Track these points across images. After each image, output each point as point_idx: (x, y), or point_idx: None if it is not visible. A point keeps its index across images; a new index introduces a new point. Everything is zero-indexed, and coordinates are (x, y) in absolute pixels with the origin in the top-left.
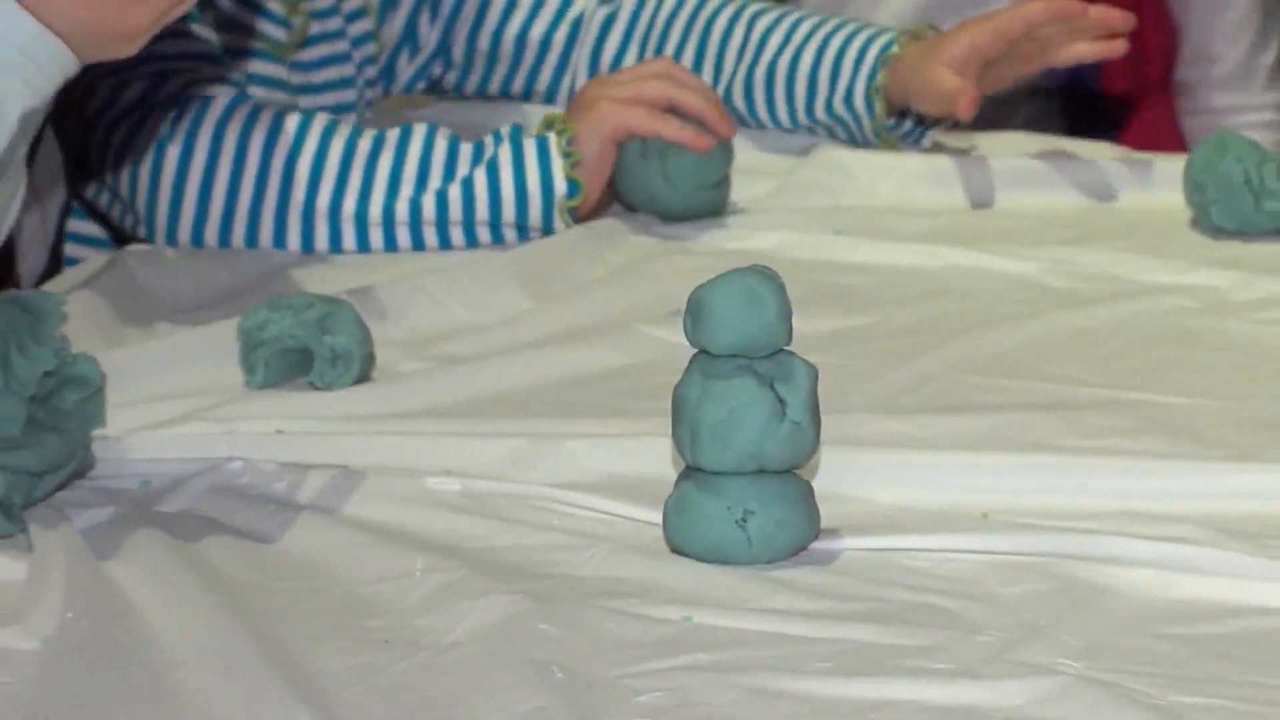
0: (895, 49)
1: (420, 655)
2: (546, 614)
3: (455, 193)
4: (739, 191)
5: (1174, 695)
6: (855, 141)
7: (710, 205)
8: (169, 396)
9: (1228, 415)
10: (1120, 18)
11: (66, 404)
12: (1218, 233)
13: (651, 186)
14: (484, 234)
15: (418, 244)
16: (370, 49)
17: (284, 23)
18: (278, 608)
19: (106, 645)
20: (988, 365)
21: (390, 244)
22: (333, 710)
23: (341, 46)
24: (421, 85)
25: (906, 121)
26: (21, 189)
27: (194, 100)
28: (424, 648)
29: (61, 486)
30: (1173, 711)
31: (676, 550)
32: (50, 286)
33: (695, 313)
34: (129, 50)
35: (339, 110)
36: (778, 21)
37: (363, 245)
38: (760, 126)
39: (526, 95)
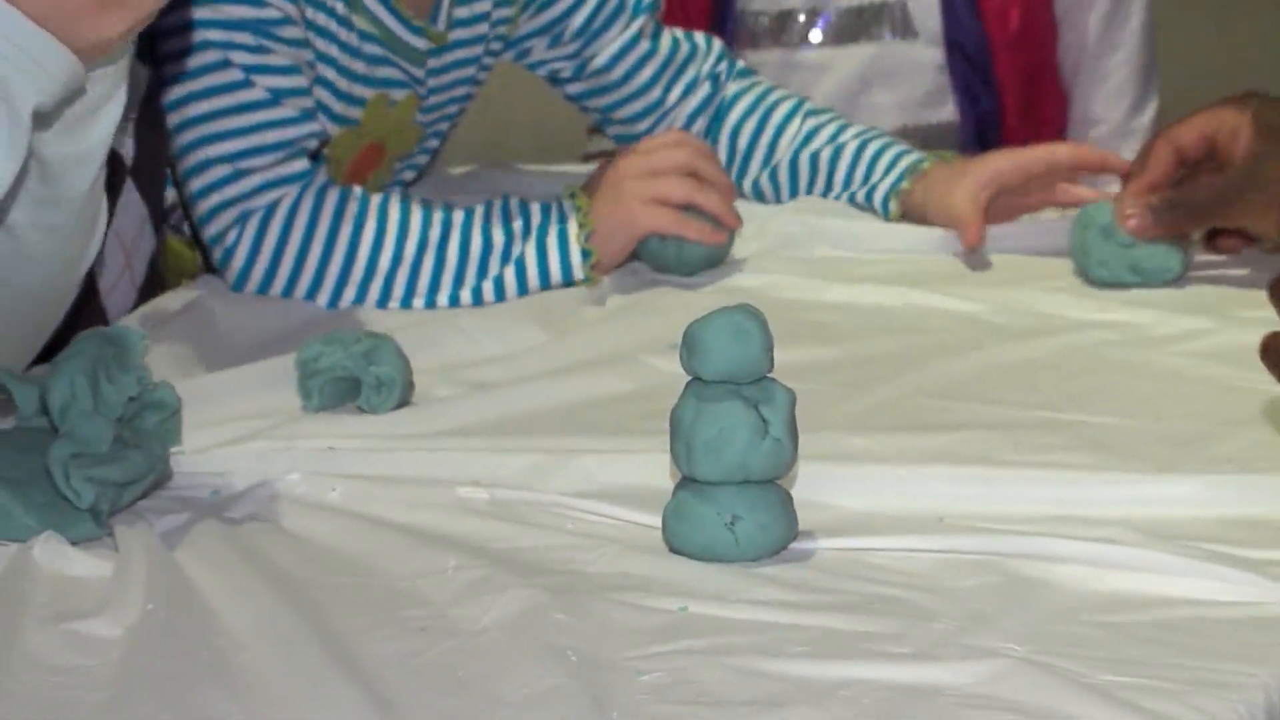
0: (925, 165)
1: (453, 641)
2: (561, 605)
3: (488, 287)
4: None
5: (1103, 675)
6: None
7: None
8: (237, 419)
9: (1148, 434)
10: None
11: (148, 425)
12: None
13: (663, 262)
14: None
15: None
16: (505, 29)
17: (420, 32)
18: (330, 600)
19: (181, 632)
20: (942, 390)
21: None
22: (378, 688)
23: (481, 29)
24: (543, 72)
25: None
26: (103, 219)
27: (261, 209)
28: (456, 634)
29: (143, 496)
30: (1102, 689)
31: (674, 550)
32: (133, 321)
33: (690, 345)
34: (114, 25)
35: (457, 85)
36: (829, 121)
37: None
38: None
39: (614, 122)
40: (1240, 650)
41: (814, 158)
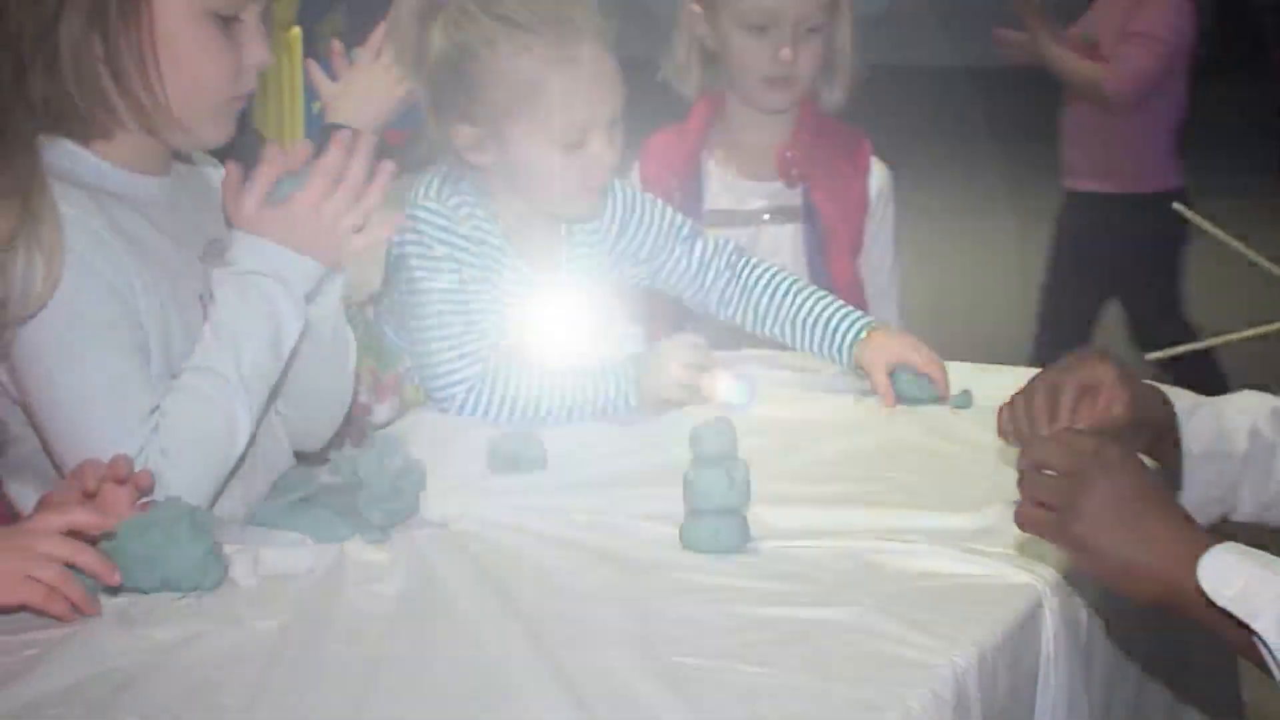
0: (863, 335)
1: (567, 595)
2: (626, 575)
3: (589, 419)
4: None
5: (917, 614)
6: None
7: None
8: (454, 477)
9: (939, 487)
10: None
11: (408, 480)
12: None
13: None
14: None
15: None
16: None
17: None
18: (502, 573)
19: (425, 592)
20: (824, 461)
21: None
22: (530, 622)
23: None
24: (635, 284)
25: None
26: (353, 349)
27: (460, 394)
28: (569, 591)
29: (405, 519)
30: (917, 622)
31: (686, 547)
32: (397, 427)
33: (693, 439)
34: (348, 235)
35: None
36: (808, 296)
37: None
38: (790, 349)
39: (682, 299)
40: (986, 599)
41: (803, 323)
